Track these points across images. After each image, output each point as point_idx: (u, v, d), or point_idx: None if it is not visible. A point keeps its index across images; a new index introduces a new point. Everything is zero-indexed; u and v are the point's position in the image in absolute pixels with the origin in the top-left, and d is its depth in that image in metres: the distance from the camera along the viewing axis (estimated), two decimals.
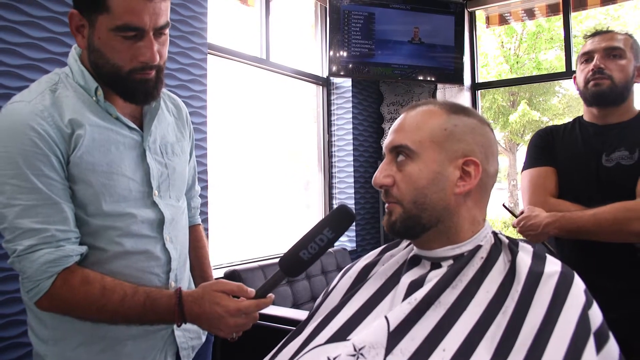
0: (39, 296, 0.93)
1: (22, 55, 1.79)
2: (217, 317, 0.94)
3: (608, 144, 1.45)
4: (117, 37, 0.93)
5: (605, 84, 1.44)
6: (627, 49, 1.46)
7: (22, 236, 0.91)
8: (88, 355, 1.01)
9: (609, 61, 1.45)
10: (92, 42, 0.96)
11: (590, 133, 1.51)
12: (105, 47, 0.95)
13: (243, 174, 3.40)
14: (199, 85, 2.57)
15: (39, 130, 0.91)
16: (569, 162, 1.51)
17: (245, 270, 2.68)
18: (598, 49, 1.48)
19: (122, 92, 1.01)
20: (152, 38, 0.96)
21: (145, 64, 0.97)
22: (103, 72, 0.99)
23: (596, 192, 1.42)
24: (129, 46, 0.95)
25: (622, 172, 1.39)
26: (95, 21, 0.93)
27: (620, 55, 1.45)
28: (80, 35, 0.97)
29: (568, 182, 1.50)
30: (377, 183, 0.90)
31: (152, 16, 0.94)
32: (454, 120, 0.88)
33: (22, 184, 0.90)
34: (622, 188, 1.37)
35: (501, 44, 10.15)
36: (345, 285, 0.99)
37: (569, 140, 1.55)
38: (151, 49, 0.96)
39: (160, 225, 1.09)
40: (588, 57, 1.51)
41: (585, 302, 0.76)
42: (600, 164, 1.44)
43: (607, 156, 1.44)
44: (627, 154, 1.40)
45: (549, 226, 1.39)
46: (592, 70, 1.46)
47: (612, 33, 1.49)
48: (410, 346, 0.76)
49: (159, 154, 1.11)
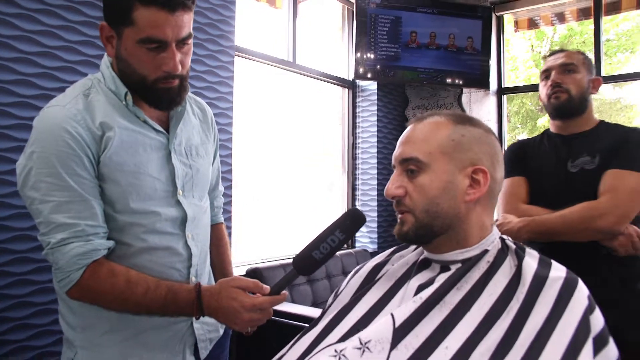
0: (70, 286, 0.99)
1: (59, 58, 1.90)
2: (233, 312, 0.99)
3: (572, 151, 1.60)
4: (141, 48, 1.00)
5: (563, 97, 1.61)
6: (579, 65, 1.63)
7: (55, 230, 0.98)
8: (113, 343, 1.08)
9: (564, 76, 1.62)
10: (119, 52, 1.03)
11: (557, 143, 1.66)
12: (131, 57, 1.02)
13: (267, 174, 3.46)
14: (225, 87, 2.65)
15: (73, 132, 0.98)
16: (539, 170, 1.64)
17: (267, 269, 2.74)
18: (554, 66, 1.65)
19: (147, 99, 1.08)
20: (174, 49, 1.02)
21: (168, 73, 1.03)
22: (130, 80, 1.05)
23: (565, 196, 1.53)
24: (153, 57, 1.01)
25: (586, 176, 1.53)
26: (122, 33, 1.00)
27: (574, 70, 1.62)
28: (109, 45, 1.05)
29: (540, 189, 1.62)
30: (389, 194, 0.93)
31: (174, 29, 1.00)
32: (461, 131, 0.91)
33: (57, 182, 0.97)
34: (587, 191, 1.49)
35: (531, 47, 9.99)
36: (355, 285, 1.03)
37: (538, 151, 1.69)
38: (174, 60, 1.02)
39: (183, 223, 1.14)
40: (547, 74, 1.67)
41: (587, 307, 0.78)
42: (567, 170, 1.58)
43: (572, 162, 1.58)
44: (589, 159, 1.55)
45: (522, 230, 1.51)
46: (551, 85, 1.63)
47: (567, 51, 1.67)
48: (414, 342, 0.79)
49: (184, 155, 1.17)
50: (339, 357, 0.78)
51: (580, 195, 1.48)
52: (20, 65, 1.78)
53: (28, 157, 0.99)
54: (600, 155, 1.52)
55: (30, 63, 1.81)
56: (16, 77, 1.77)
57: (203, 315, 1.03)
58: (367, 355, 0.78)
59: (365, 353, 0.78)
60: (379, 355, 0.78)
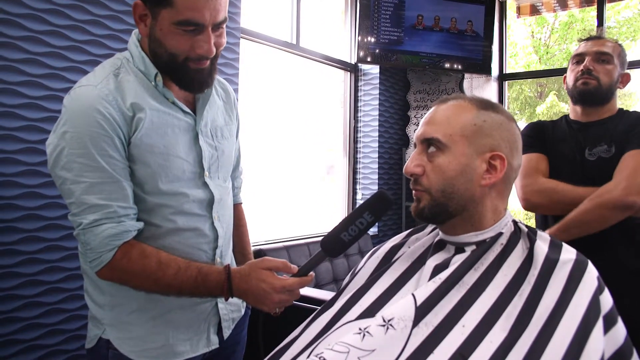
0: (101, 266, 1.01)
1: (87, 32, 1.92)
2: (263, 294, 1.01)
3: (590, 139, 1.60)
4: (178, 30, 1.00)
5: (592, 84, 1.59)
6: (614, 56, 1.61)
7: (88, 211, 0.99)
8: (140, 321, 1.10)
9: (597, 64, 1.60)
10: (153, 32, 1.03)
11: (575, 130, 1.66)
12: (166, 38, 1.01)
13: (269, 157, 3.47)
14: (231, 68, 2.65)
15: (105, 113, 0.99)
16: (556, 155, 1.65)
17: (270, 250, 2.78)
18: (589, 52, 1.63)
19: (178, 80, 1.08)
20: (210, 32, 1.02)
21: (201, 56, 1.04)
22: (161, 60, 1.05)
23: (581, 183, 1.53)
24: (188, 39, 1.01)
25: (603, 164, 1.54)
26: (158, 14, 1.00)
27: (608, 60, 1.60)
28: (142, 24, 1.04)
29: (556, 175, 1.61)
30: (408, 171, 0.96)
31: (212, 12, 1.00)
32: (483, 116, 0.93)
33: (89, 162, 0.98)
34: (604, 179, 1.49)
35: (531, 34, 9.95)
36: (373, 266, 1.06)
37: (557, 135, 1.68)
38: (208, 43, 1.03)
39: (210, 205, 1.16)
40: (579, 59, 1.65)
41: (597, 288, 0.82)
42: (584, 158, 1.60)
43: (589, 150, 1.59)
44: (606, 147, 1.56)
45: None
46: (582, 70, 1.61)
47: (604, 40, 1.64)
48: (433, 320, 0.83)
49: (209, 137, 1.17)
50: (364, 334, 0.81)
51: (597, 183, 1.48)
52: (28, 66, 1.78)
53: (60, 136, 0.99)
54: (616, 144, 1.54)
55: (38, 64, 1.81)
56: (25, 78, 1.77)
57: (232, 297, 1.04)
58: (391, 332, 0.81)
59: (390, 330, 0.81)
60: (402, 332, 0.81)
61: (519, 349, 0.76)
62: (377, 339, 0.80)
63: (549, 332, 0.77)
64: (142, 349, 1.10)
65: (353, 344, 0.80)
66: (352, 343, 0.80)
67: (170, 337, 1.12)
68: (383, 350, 0.80)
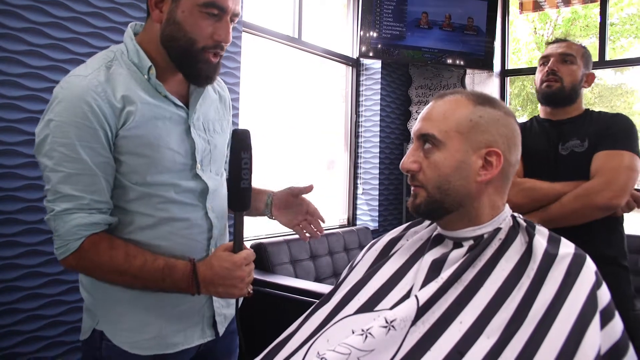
0: (66, 255, 1.01)
1: (88, 24, 1.93)
2: (227, 272, 1.02)
3: (563, 135, 1.67)
4: (201, 13, 1.02)
5: (555, 85, 1.67)
6: (578, 57, 1.69)
7: (61, 199, 0.99)
8: (134, 312, 1.10)
9: (561, 65, 1.68)
10: (173, 15, 1.03)
11: (547, 127, 1.73)
12: (187, 20, 1.03)
13: (270, 151, 3.47)
14: (233, 62, 2.65)
15: (92, 104, 0.99)
16: (530, 152, 1.67)
17: (271, 244, 2.78)
18: (554, 54, 1.70)
19: (188, 69, 1.09)
20: (228, 21, 1.05)
21: (219, 43, 1.05)
22: (176, 45, 1.06)
23: (555, 177, 1.60)
24: (210, 24, 1.03)
25: (575, 158, 1.61)
26: None
27: (572, 61, 1.68)
28: (157, 10, 1.05)
29: (531, 171, 1.67)
30: (404, 168, 0.96)
31: (234, 2, 1.05)
32: (480, 112, 0.93)
33: (69, 153, 0.98)
34: (577, 172, 1.57)
35: (534, 30, 9.92)
36: (371, 259, 1.07)
37: (529, 135, 1.73)
38: (227, 30, 1.05)
39: (204, 195, 1.16)
40: (545, 61, 1.73)
41: (594, 282, 0.82)
42: (557, 152, 1.66)
43: (562, 145, 1.66)
44: (579, 142, 1.63)
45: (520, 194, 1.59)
46: (547, 71, 1.69)
47: (568, 42, 1.72)
48: (430, 318, 0.83)
49: (202, 130, 1.18)
50: (366, 336, 0.81)
51: (570, 177, 1.56)
52: (29, 58, 1.79)
53: (45, 124, 1.00)
54: (589, 139, 1.60)
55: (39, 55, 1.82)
56: (26, 70, 1.78)
57: (199, 292, 1.05)
58: (392, 332, 0.82)
59: (391, 331, 0.82)
60: (401, 332, 0.82)
61: (516, 343, 0.77)
62: (378, 340, 0.81)
63: (546, 327, 0.77)
64: (134, 340, 1.10)
65: (355, 345, 0.80)
66: (354, 344, 0.80)
67: (163, 329, 1.12)
68: (381, 350, 0.81)
